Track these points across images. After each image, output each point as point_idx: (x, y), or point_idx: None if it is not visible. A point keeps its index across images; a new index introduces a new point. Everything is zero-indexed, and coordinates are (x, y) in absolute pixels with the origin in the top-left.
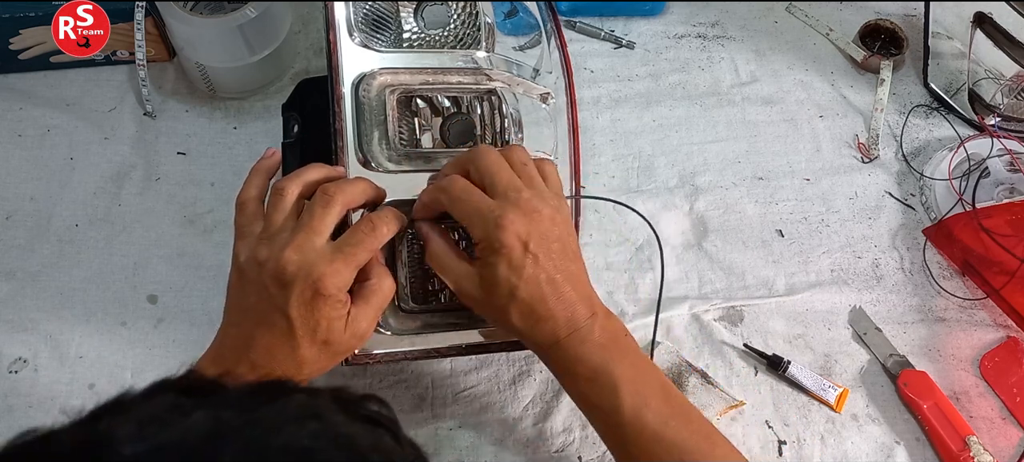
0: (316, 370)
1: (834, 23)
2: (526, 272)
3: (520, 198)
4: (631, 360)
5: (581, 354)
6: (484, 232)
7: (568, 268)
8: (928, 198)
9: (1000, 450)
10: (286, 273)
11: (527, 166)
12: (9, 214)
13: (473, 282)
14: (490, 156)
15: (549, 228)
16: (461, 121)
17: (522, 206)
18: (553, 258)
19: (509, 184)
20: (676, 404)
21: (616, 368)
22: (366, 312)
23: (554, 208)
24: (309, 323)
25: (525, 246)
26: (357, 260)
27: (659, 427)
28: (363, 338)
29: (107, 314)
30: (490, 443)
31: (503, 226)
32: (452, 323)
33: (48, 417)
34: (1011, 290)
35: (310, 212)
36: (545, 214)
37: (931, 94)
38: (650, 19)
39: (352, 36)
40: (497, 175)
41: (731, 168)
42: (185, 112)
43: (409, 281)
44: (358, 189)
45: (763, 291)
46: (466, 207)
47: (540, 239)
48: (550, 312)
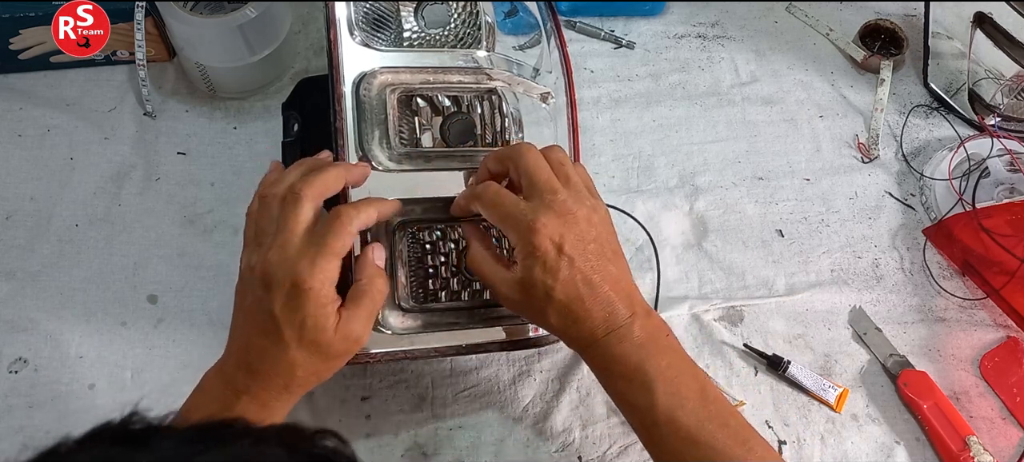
0: (311, 375)
1: (834, 23)
2: (562, 274)
3: (555, 200)
4: (669, 360)
5: (619, 353)
6: (519, 236)
7: (606, 268)
8: (928, 198)
9: (1000, 450)
10: (269, 274)
11: (564, 166)
12: (9, 214)
13: (511, 287)
14: (531, 155)
15: (585, 229)
16: (461, 120)
17: (556, 208)
18: (589, 259)
19: (546, 185)
20: (714, 407)
21: (653, 367)
22: (357, 313)
23: (590, 208)
24: (294, 322)
25: (560, 249)
26: (332, 249)
27: (694, 429)
28: (357, 341)
29: (107, 314)
30: (490, 443)
31: (536, 230)
32: (452, 322)
33: (48, 417)
34: (1011, 290)
35: (283, 212)
36: (581, 215)
37: (931, 94)
38: (650, 19)
39: (353, 35)
40: (535, 174)
41: (731, 168)
42: (185, 112)
43: (409, 280)
44: (329, 178)
45: (763, 291)
46: (500, 212)
47: (575, 240)
48: (587, 312)
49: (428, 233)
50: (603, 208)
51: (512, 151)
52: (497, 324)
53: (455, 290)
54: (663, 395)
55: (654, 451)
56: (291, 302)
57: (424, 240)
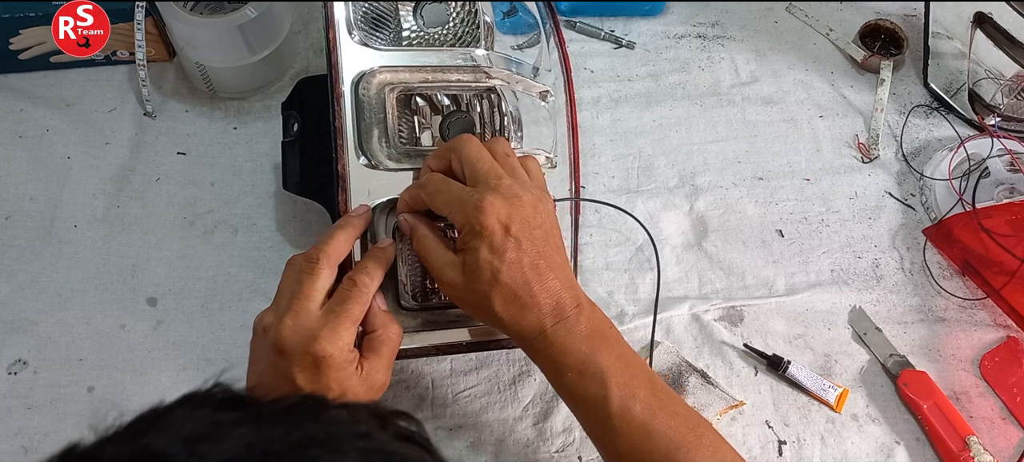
0: None
1: (834, 23)
2: (508, 255)
3: (501, 184)
4: (617, 351)
5: (568, 345)
6: (464, 217)
7: (552, 257)
8: (928, 198)
9: (1000, 450)
10: (283, 343)
11: (509, 157)
12: (9, 214)
13: (456, 269)
14: (471, 144)
15: (531, 214)
16: (461, 119)
17: (503, 191)
18: (536, 244)
19: (490, 171)
20: (663, 396)
21: (603, 359)
22: (378, 364)
23: (536, 197)
24: (319, 388)
25: (507, 229)
26: (350, 318)
27: (647, 419)
28: (382, 388)
29: (106, 316)
30: (490, 443)
31: (482, 208)
32: (452, 320)
33: (46, 419)
34: (1011, 290)
35: (299, 280)
36: (526, 200)
37: (931, 94)
38: (650, 19)
39: (351, 34)
40: (478, 163)
41: (731, 168)
42: (185, 112)
43: (409, 279)
44: (340, 241)
45: (763, 291)
46: (446, 197)
47: (522, 223)
48: (535, 299)
49: None
50: (550, 202)
51: (452, 143)
52: None
53: None
54: (616, 386)
55: (606, 446)
56: (313, 371)
57: None
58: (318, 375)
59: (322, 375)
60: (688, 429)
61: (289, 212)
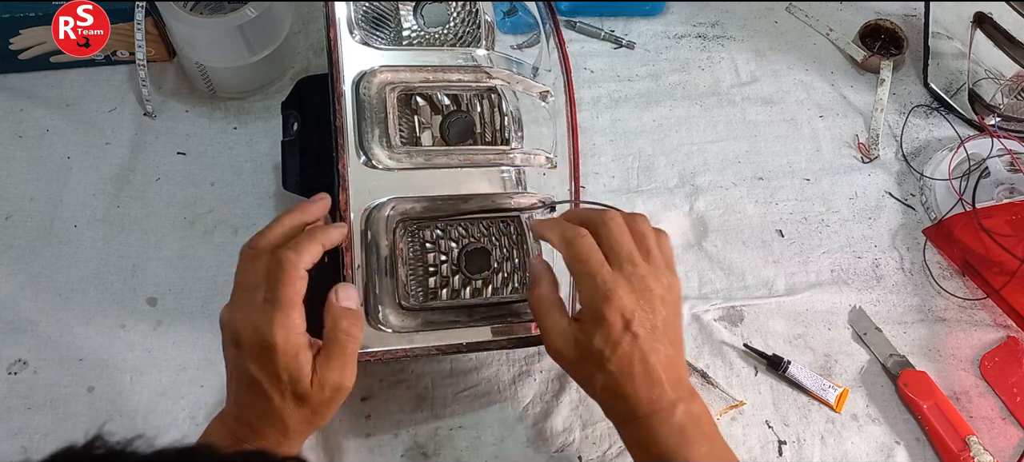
0: (303, 423)
1: (834, 23)
2: (622, 349)
3: (635, 272)
4: (708, 448)
5: (657, 435)
6: (591, 299)
7: (665, 350)
8: (928, 198)
9: (1000, 450)
10: (236, 333)
11: (647, 239)
12: (9, 214)
13: (567, 341)
14: (615, 223)
15: (657, 307)
16: (461, 119)
17: (635, 282)
18: (653, 337)
19: (628, 257)
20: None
21: (689, 453)
22: (329, 362)
23: (666, 287)
24: (270, 376)
25: (627, 324)
26: (284, 300)
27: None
28: (338, 389)
29: (106, 316)
30: (490, 443)
31: (611, 300)
32: (453, 321)
33: (46, 419)
34: (1011, 290)
35: (243, 271)
36: (656, 294)
37: (931, 94)
38: (650, 19)
39: (352, 34)
40: (619, 243)
41: (731, 168)
42: (185, 112)
43: (409, 278)
44: (284, 225)
45: (763, 291)
46: (584, 269)
47: (644, 318)
48: (635, 390)
49: (429, 231)
50: (678, 286)
51: (596, 217)
52: (498, 323)
53: (456, 288)
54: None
55: None
56: (262, 360)
57: (424, 238)
58: (269, 362)
59: (271, 363)
60: None
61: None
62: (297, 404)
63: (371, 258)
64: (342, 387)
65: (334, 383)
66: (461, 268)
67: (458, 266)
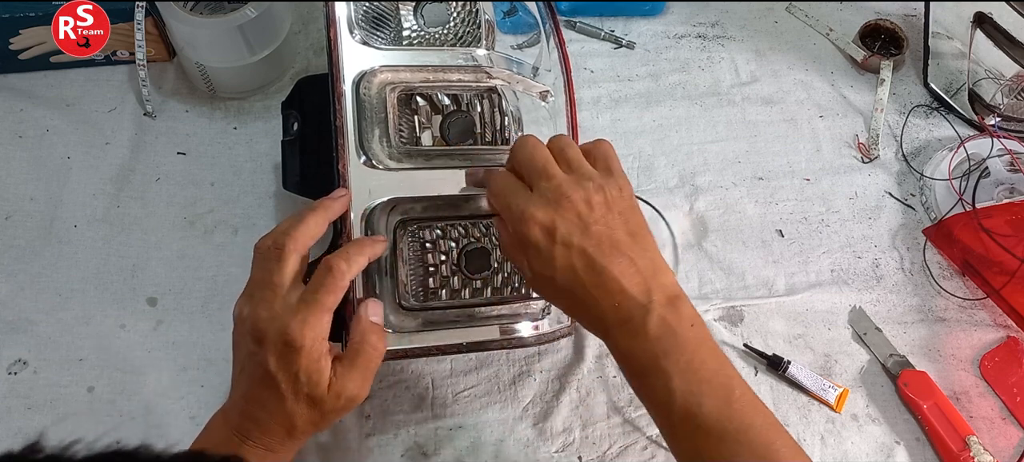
0: (309, 425)
1: (834, 23)
2: (558, 262)
3: (550, 186)
4: (688, 357)
5: (631, 348)
6: (514, 228)
7: (613, 253)
8: (928, 198)
9: (1000, 450)
10: (259, 330)
11: (565, 151)
12: (9, 214)
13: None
14: (526, 144)
15: (584, 212)
16: (461, 119)
17: (550, 195)
18: (592, 242)
19: (541, 172)
20: (738, 406)
21: (668, 365)
22: (351, 374)
23: (592, 189)
24: (288, 376)
25: (551, 235)
26: (322, 306)
27: (712, 429)
28: (353, 400)
29: (106, 316)
30: (490, 443)
31: (525, 219)
32: (452, 320)
33: (46, 419)
34: (1011, 290)
35: (267, 269)
36: (577, 198)
37: (931, 94)
38: (650, 19)
39: (352, 34)
40: (531, 163)
41: (731, 168)
42: (185, 112)
43: (409, 278)
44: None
45: (763, 291)
46: (501, 201)
47: (571, 226)
48: (594, 300)
49: (429, 231)
50: (617, 186)
51: (514, 144)
52: (497, 323)
53: (456, 288)
54: (680, 393)
55: (674, 447)
56: (284, 359)
57: (424, 238)
58: (289, 362)
59: (293, 364)
60: (761, 445)
61: (289, 213)
62: (309, 407)
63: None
64: (356, 398)
65: (350, 394)
66: (461, 268)
67: (458, 266)
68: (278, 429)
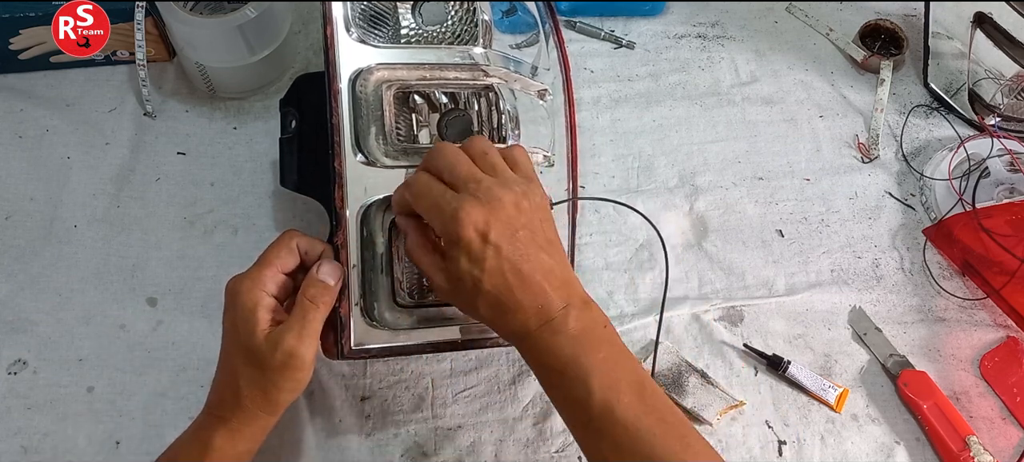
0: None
1: (834, 23)
2: (488, 263)
3: (479, 188)
4: (606, 353)
5: (552, 345)
6: (443, 227)
7: (537, 257)
8: (928, 198)
9: (1000, 450)
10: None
11: (487, 155)
12: (9, 214)
13: (442, 275)
14: (446, 151)
15: (513, 215)
16: (458, 117)
17: (480, 196)
18: (519, 246)
19: (468, 175)
20: (652, 401)
21: (588, 361)
22: (289, 325)
23: (519, 194)
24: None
25: (484, 237)
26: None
27: (631, 423)
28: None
29: (106, 316)
30: (490, 443)
31: (459, 219)
32: (447, 318)
33: (46, 419)
34: (1011, 290)
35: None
36: (507, 201)
37: (931, 94)
38: (650, 19)
39: (349, 32)
40: (455, 168)
41: (731, 168)
42: (185, 112)
43: (405, 276)
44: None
45: (763, 291)
46: (426, 202)
47: (502, 228)
48: (518, 303)
49: None
50: (538, 193)
51: (431, 151)
52: None
53: None
54: (599, 389)
55: (590, 448)
56: (227, 310)
57: None
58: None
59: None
60: (675, 439)
61: (289, 212)
62: (247, 362)
63: (367, 256)
64: (295, 355)
65: (287, 347)
66: None
67: None
68: (227, 393)
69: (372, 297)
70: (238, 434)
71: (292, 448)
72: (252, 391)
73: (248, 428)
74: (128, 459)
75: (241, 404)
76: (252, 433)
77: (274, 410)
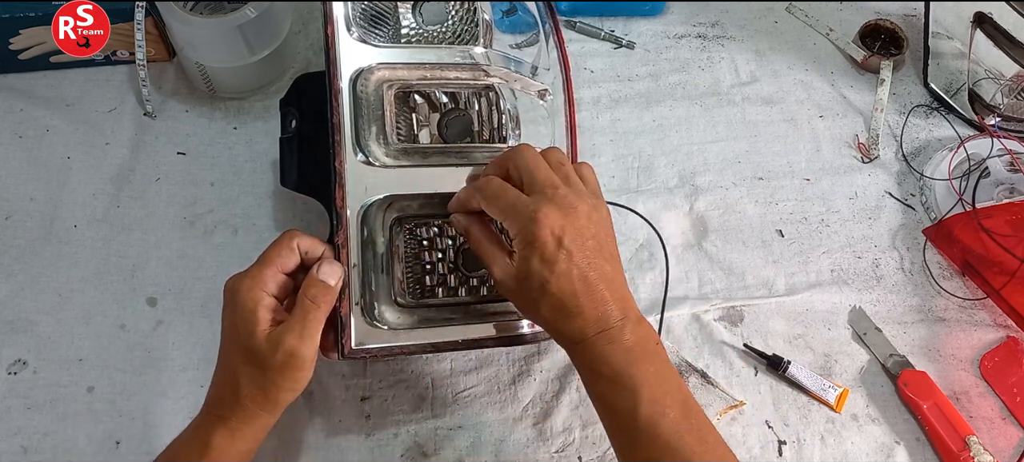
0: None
1: (834, 23)
2: (559, 267)
3: (557, 194)
4: (656, 368)
5: (607, 354)
6: (520, 226)
7: (602, 267)
8: (928, 198)
9: (1000, 450)
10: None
11: (563, 165)
12: (9, 214)
13: (508, 274)
14: (528, 153)
15: (585, 225)
16: (459, 117)
17: (558, 201)
18: (588, 255)
19: (546, 180)
20: (695, 420)
21: (639, 373)
22: (289, 325)
23: (591, 206)
24: (227, 324)
25: (559, 241)
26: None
27: (673, 439)
28: (292, 354)
29: (106, 316)
30: (490, 443)
31: (538, 220)
32: (448, 318)
33: (46, 419)
34: (1011, 290)
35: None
36: (581, 211)
37: (931, 94)
38: (650, 19)
39: (350, 31)
40: (536, 171)
41: (731, 168)
42: (185, 112)
43: (406, 276)
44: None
45: (763, 291)
46: (502, 203)
47: (575, 235)
48: (580, 309)
49: (425, 229)
50: (605, 208)
51: (511, 152)
52: (493, 320)
53: (452, 286)
54: (646, 402)
55: (627, 456)
56: (226, 308)
57: (421, 236)
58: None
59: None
60: (713, 458)
61: (289, 212)
62: (247, 361)
63: (367, 255)
64: (295, 354)
65: (287, 347)
66: (457, 266)
67: (454, 264)
68: (226, 392)
69: (372, 297)
70: (237, 433)
71: (292, 448)
72: (252, 390)
73: (247, 427)
74: (128, 459)
75: (241, 403)
76: (251, 432)
77: (274, 410)
